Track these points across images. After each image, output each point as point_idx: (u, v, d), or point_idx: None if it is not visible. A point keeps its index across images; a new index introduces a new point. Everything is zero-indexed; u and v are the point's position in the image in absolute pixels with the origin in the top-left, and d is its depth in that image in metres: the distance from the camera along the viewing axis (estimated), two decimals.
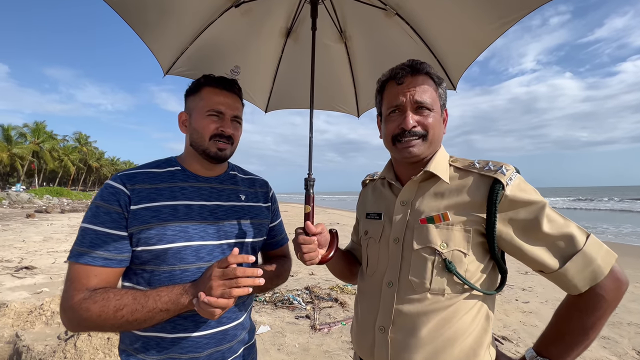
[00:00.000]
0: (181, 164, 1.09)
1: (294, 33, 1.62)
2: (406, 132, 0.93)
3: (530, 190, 0.86)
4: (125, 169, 1.01)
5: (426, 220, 0.92)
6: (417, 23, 1.45)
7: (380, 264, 1.00)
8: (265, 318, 3.77)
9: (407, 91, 0.94)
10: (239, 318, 1.08)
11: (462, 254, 0.88)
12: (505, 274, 0.96)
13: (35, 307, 3.61)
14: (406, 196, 0.99)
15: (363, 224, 1.13)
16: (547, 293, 4.89)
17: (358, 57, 1.72)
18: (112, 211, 0.92)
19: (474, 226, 0.88)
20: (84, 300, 0.86)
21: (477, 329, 0.89)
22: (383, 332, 0.93)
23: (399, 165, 1.05)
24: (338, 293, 4.56)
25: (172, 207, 0.98)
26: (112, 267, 0.91)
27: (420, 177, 0.96)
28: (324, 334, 3.42)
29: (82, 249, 0.89)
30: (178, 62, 1.52)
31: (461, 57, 1.48)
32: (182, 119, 1.11)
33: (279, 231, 1.32)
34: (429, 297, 0.88)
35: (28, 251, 7.82)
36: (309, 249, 1.00)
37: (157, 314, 0.88)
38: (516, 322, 3.84)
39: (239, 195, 1.15)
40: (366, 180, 1.26)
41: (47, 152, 55.71)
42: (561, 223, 0.83)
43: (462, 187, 0.91)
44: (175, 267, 0.96)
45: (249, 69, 1.67)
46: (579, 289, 0.81)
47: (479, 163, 0.93)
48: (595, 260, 0.79)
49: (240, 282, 0.85)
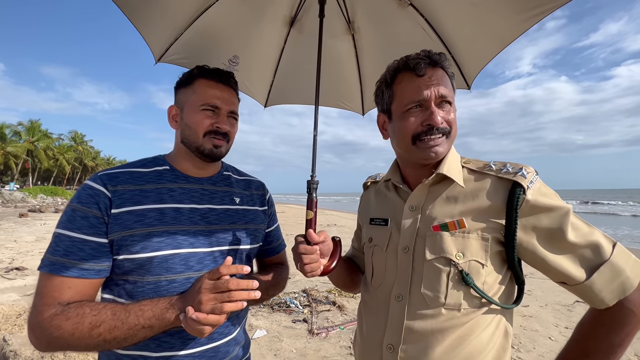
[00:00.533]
0: (170, 163, 1.00)
1: (298, 22, 1.51)
2: (434, 129, 0.84)
3: (552, 194, 0.80)
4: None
5: (439, 227, 0.84)
6: (433, 14, 1.35)
7: (387, 275, 0.91)
8: (262, 322, 3.70)
9: (430, 84, 0.85)
10: (231, 333, 0.98)
11: (480, 264, 0.80)
12: (523, 284, 0.88)
13: (25, 310, 3.51)
14: (416, 201, 0.90)
15: (367, 230, 1.03)
16: (547, 297, 4.86)
17: (366, 51, 1.61)
18: (90, 215, 0.82)
19: (493, 234, 0.80)
20: (54, 316, 0.76)
21: (496, 347, 0.82)
22: (392, 351, 0.85)
23: (407, 167, 0.96)
24: (336, 296, 4.49)
25: (159, 210, 0.89)
26: (89, 278, 0.82)
27: (432, 180, 0.87)
28: (322, 338, 3.35)
29: (55, 258, 0.79)
30: (171, 48, 1.39)
31: (480, 53, 1.37)
32: (172, 113, 1.02)
33: (275, 237, 1.23)
34: (444, 312, 0.80)
35: (20, 251, 7.66)
36: (310, 260, 0.90)
37: (140, 331, 0.78)
38: (516, 326, 3.79)
39: (233, 197, 1.06)
40: (367, 183, 1.16)
41: (41, 150, 55.26)
42: (586, 231, 0.76)
43: (478, 191, 0.83)
44: (161, 278, 0.86)
45: (249, 59, 1.56)
46: (606, 303, 0.74)
47: (495, 164, 0.86)
48: (624, 271, 0.73)
49: (233, 295, 0.77)
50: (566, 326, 3.80)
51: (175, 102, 1.03)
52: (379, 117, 1.01)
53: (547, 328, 3.76)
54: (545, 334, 3.61)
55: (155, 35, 1.33)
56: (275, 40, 1.58)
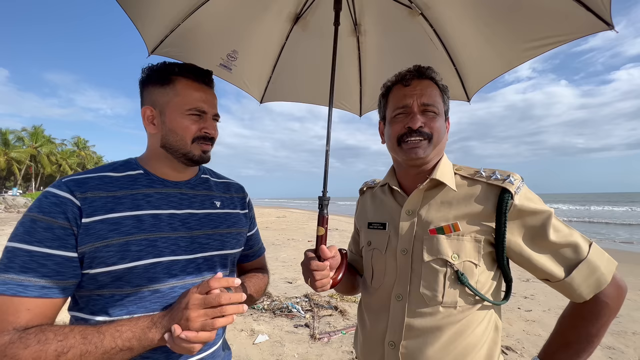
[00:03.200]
0: (144, 167, 0.93)
1: (303, 20, 1.48)
2: (413, 131, 0.92)
3: (536, 199, 0.87)
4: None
5: (436, 230, 0.90)
6: (442, 27, 1.36)
7: (387, 277, 0.97)
8: (264, 327, 3.69)
9: (414, 93, 0.95)
10: (216, 343, 0.94)
11: (474, 265, 0.87)
12: (511, 282, 0.95)
13: None
14: (412, 205, 0.96)
15: (365, 234, 1.08)
16: (550, 301, 4.82)
17: (369, 54, 1.61)
18: (55, 226, 0.73)
19: (484, 236, 0.87)
20: (10, 344, 0.65)
21: (488, 340, 0.89)
22: (393, 348, 0.90)
23: (403, 172, 1.03)
24: (338, 301, 4.47)
25: (136, 217, 0.83)
26: (52, 297, 0.72)
27: (426, 185, 0.94)
28: (324, 343, 3.34)
29: (9, 276, 0.69)
30: (167, 40, 1.30)
31: (484, 70, 1.39)
32: (147, 114, 0.92)
33: (256, 240, 1.20)
34: (441, 310, 0.87)
35: None
36: (322, 276, 0.92)
37: (117, 355, 0.70)
38: (519, 331, 3.76)
39: (213, 201, 1.01)
40: (363, 188, 1.22)
41: (44, 156, 55.52)
42: (566, 232, 0.84)
43: (470, 197, 0.90)
44: (143, 289, 0.80)
45: (247, 54, 1.52)
46: (583, 297, 0.82)
47: (485, 172, 0.93)
48: (599, 268, 0.81)
49: (225, 310, 0.72)
50: None
51: (148, 102, 0.93)
52: (380, 125, 1.10)
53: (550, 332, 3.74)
54: None
55: (149, 25, 1.24)
56: (276, 36, 1.54)
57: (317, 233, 0.99)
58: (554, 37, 1.14)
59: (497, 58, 1.31)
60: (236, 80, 1.59)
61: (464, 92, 1.48)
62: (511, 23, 1.20)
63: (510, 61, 1.29)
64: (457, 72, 1.43)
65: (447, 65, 1.43)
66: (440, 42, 1.39)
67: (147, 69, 0.94)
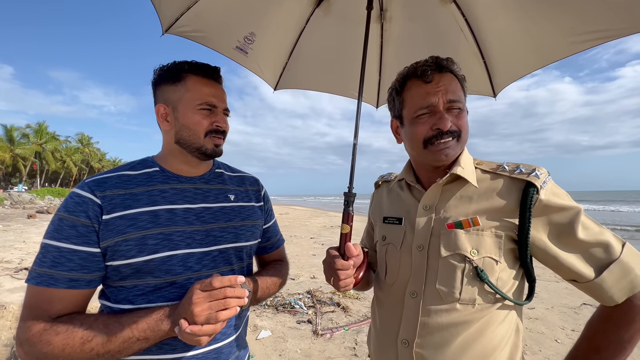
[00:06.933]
0: (159, 164, 0.97)
1: (326, 3, 1.38)
2: (443, 133, 0.86)
3: (564, 195, 0.82)
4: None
5: (454, 225, 0.86)
6: (475, 16, 1.25)
7: (402, 272, 0.93)
8: (267, 322, 3.70)
9: (437, 90, 0.87)
10: (234, 334, 0.96)
11: (494, 261, 0.82)
12: (534, 282, 0.89)
13: None
14: (430, 200, 0.92)
15: (380, 229, 1.04)
16: (553, 299, 4.80)
17: (392, 43, 1.50)
18: (78, 224, 0.79)
19: (506, 232, 0.82)
20: (44, 331, 0.73)
21: (510, 343, 0.84)
22: (407, 346, 0.86)
23: (421, 168, 0.98)
24: (340, 297, 4.48)
25: (152, 213, 0.87)
26: (80, 289, 0.79)
27: (445, 179, 0.89)
28: (326, 339, 3.35)
29: (43, 270, 0.76)
30: (182, 18, 1.24)
31: (516, 64, 1.29)
32: (161, 112, 0.95)
33: (274, 232, 1.20)
34: (459, 307, 0.82)
35: (28, 252, 7.74)
36: (346, 275, 0.88)
37: (135, 344, 0.76)
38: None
39: (227, 195, 1.03)
40: (379, 182, 1.18)
41: (49, 152, 55.91)
42: (596, 230, 0.78)
43: (492, 191, 0.85)
44: (160, 280, 0.85)
45: (265, 37, 1.43)
46: (615, 300, 0.76)
47: (508, 165, 0.88)
48: (633, 269, 0.75)
49: (229, 302, 0.76)
50: (573, 329, 3.75)
51: (161, 100, 0.96)
52: (392, 123, 1.03)
53: (554, 330, 3.72)
54: (552, 336, 3.57)
55: (165, 1, 1.19)
56: (296, 19, 1.45)
57: (341, 231, 0.95)
58: (607, 30, 1.02)
59: (533, 52, 1.21)
60: (251, 65, 1.52)
61: (490, 87, 1.39)
62: (561, 12, 1.08)
63: (548, 56, 1.18)
64: (486, 66, 1.34)
65: (475, 59, 1.33)
66: (471, 33, 1.29)
67: (158, 69, 0.97)
